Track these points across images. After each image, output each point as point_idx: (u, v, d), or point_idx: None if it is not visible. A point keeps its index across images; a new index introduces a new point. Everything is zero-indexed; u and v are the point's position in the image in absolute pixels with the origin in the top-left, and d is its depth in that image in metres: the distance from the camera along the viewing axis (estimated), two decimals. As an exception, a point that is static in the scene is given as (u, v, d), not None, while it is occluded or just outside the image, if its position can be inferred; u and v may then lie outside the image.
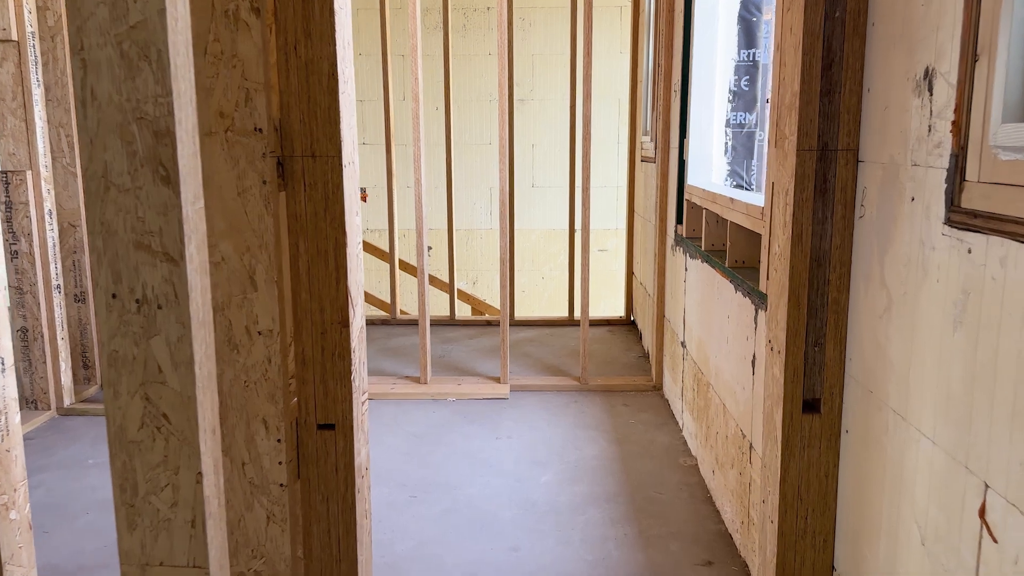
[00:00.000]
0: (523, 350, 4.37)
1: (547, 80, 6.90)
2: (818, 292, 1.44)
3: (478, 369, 3.99)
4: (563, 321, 4.98)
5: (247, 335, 1.42)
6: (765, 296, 1.96)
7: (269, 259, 1.39)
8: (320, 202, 1.44)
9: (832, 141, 1.40)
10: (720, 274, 2.45)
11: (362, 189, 7.12)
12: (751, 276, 2.19)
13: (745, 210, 2.17)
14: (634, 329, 4.83)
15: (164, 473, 1.12)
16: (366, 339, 4.19)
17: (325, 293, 1.46)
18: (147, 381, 1.09)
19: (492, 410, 3.42)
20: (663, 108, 3.47)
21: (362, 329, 1.56)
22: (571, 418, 3.31)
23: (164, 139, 1.02)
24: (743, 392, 2.17)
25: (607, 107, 6.92)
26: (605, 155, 6.96)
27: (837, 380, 1.46)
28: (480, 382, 3.71)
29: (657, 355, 3.64)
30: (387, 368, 4.01)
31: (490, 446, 3.03)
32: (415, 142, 3.54)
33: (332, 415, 1.50)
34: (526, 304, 7.19)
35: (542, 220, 7.09)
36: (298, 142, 1.42)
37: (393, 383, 3.69)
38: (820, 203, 1.42)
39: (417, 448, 3.02)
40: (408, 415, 3.36)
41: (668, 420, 3.28)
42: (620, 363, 4.11)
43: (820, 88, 1.39)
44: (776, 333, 1.51)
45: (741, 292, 2.19)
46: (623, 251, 7.12)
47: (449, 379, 3.76)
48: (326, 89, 1.41)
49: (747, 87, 3.05)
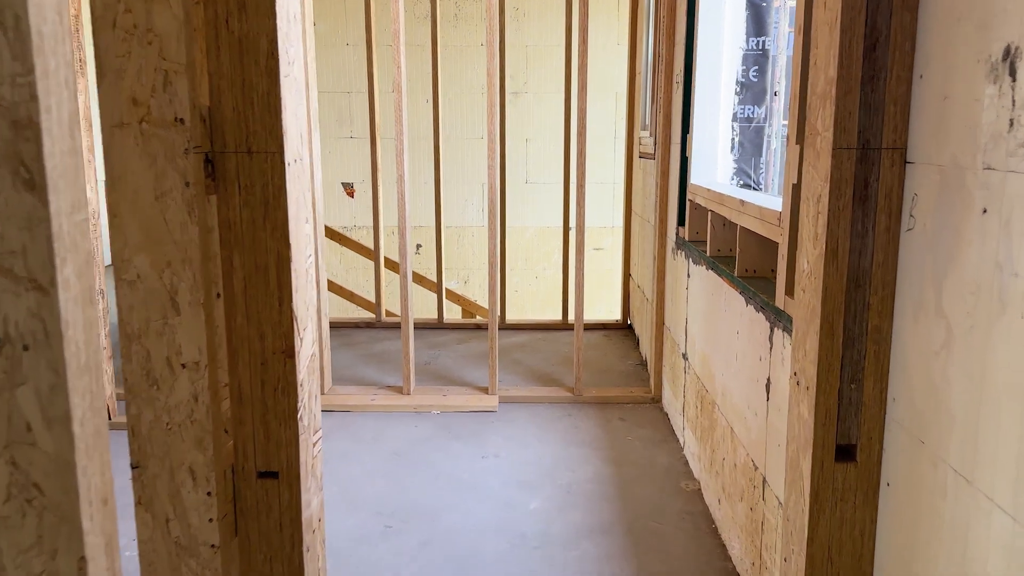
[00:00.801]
0: (513, 356, 4.13)
1: (542, 73, 6.65)
2: (856, 318, 1.20)
3: (466, 378, 3.75)
4: (557, 325, 4.74)
5: (168, 368, 1.18)
6: (781, 312, 1.73)
7: (195, 277, 1.15)
8: (258, 207, 1.19)
9: (875, 138, 1.16)
10: (728, 284, 2.22)
11: (350, 184, 6.87)
12: (765, 288, 1.95)
13: (758, 214, 1.94)
14: (631, 334, 4.60)
15: (38, 558, 0.88)
16: (349, 343, 3.93)
17: (265, 316, 1.22)
18: (13, 442, 0.85)
19: (479, 424, 3.18)
20: (663, 101, 3.23)
21: (313, 357, 1.32)
22: (563, 434, 3.08)
23: (25, 132, 0.77)
24: (755, 418, 1.94)
25: (604, 101, 6.68)
26: (601, 151, 6.71)
27: (877, 423, 1.23)
28: (467, 393, 3.47)
29: (656, 365, 3.40)
30: (369, 376, 3.77)
31: (476, 466, 2.80)
32: (398, 135, 3.29)
33: (275, 461, 1.26)
34: (519, 304, 6.95)
35: (536, 217, 6.85)
36: (231, 135, 1.18)
37: (374, 394, 3.45)
38: (860, 212, 1.18)
39: (396, 469, 2.78)
40: (389, 430, 3.12)
41: (668, 437, 3.04)
42: (616, 372, 3.88)
43: (862, 74, 1.15)
44: (804, 365, 1.27)
45: (753, 306, 1.96)
46: (619, 250, 6.88)
47: (434, 389, 3.53)
48: (264, 71, 1.17)
49: (756, 78, 2.81)
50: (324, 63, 6.66)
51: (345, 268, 6.96)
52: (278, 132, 1.18)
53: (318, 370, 1.35)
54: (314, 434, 1.33)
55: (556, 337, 4.54)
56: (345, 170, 6.82)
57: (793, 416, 1.32)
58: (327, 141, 6.77)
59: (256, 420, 1.25)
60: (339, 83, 6.68)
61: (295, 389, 1.24)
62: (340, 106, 6.72)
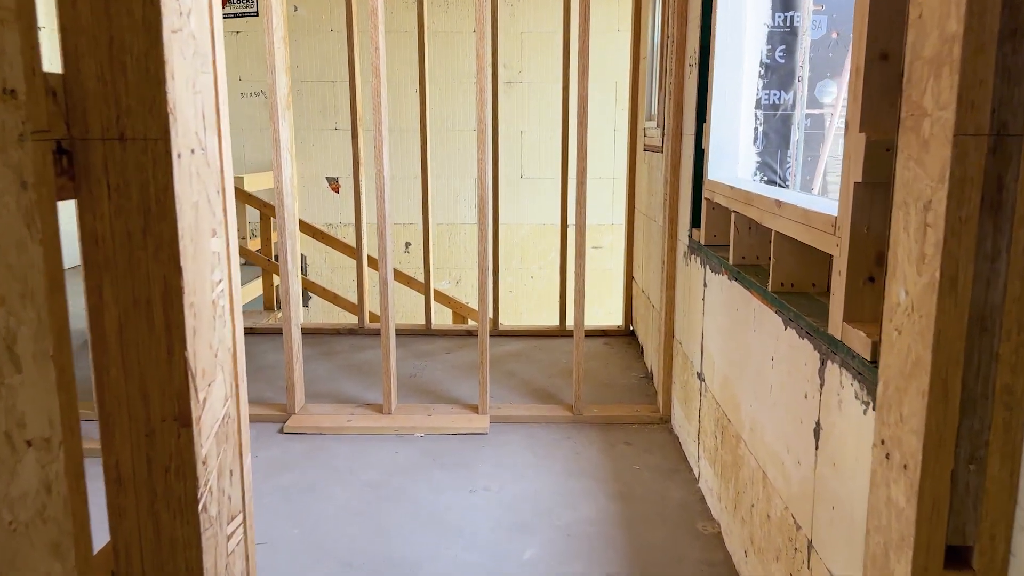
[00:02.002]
0: (507, 367, 3.78)
1: (537, 61, 6.29)
2: (978, 374, 0.86)
3: (454, 392, 3.41)
4: (554, 331, 4.40)
5: (8, 447, 0.83)
6: (837, 343, 1.39)
7: (40, 317, 0.80)
8: (136, 217, 0.84)
9: (1015, 119, 0.81)
10: (759, 299, 1.87)
11: (335, 180, 6.51)
12: (810, 308, 1.61)
13: (802, 218, 1.59)
14: (634, 342, 4.25)
15: None
16: (328, 352, 3.58)
17: (150, 370, 0.87)
18: None
19: (468, 449, 2.84)
20: (674, 86, 2.88)
21: (227, 421, 0.97)
22: (562, 461, 2.73)
23: None
24: (797, 468, 1.59)
25: (602, 91, 6.32)
26: (600, 144, 6.36)
27: (1003, 519, 0.88)
28: (455, 412, 3.13)
29: (664, 381, 3.06)
30: (348, 391, 3.42)
31: (463, 502, 2.45)
32: (376, 125, 2.94)
33: (170, 567, 0.92)
34: (513, 306, 6.60)
35: (531, 214, 6.49)
36: (96, 115, 0.83)
37: (351, 413, 3.10)
38: (989, 225, 0.83)
39: (372, 506, 2.44)
40: (366, 456, 2.78)
41: (680, 465, 2.70)
42: (620, 386, 3.53)
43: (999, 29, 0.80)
44: (900, 434, 0.92)
45: (795, 330, 1.61)
46: (619, 248, 6.53)
47: (419, 408, 3.18)
48: (140, 24, 0.82)
49: (783, 59, 2.46)
50: (307, 50, 6.29)
51: (331, 268, 6.60)
52: (162, 111, 0.83)
53: (235, 435, 1.00)
54: (230, 522, 0.99)
55: (553, 345, 4.20)
56: (330, 164, 6.46)
57: (879, 499, 0.98)
58: (311, 133, 6.40)
59: (142, 512, 0.90)
60: (323, 71, 6.31)
61: (193, 469, 0.89)
62: (324, 96, 6.35)
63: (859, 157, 1.30)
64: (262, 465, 2.70)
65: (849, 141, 1.34)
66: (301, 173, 6.46)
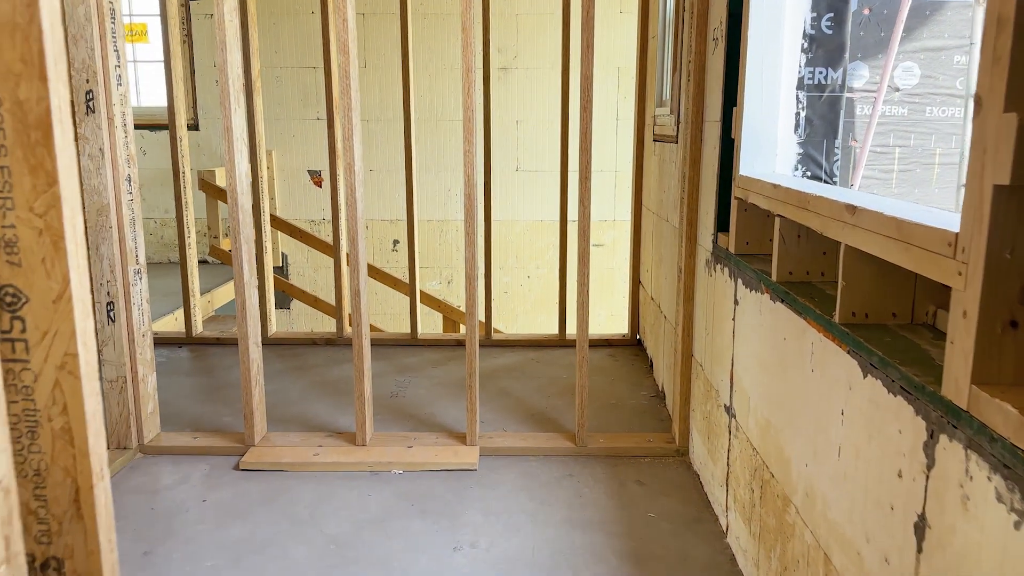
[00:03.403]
0: (501, 384, 3.37)
1: (534, 46, 5.85)
2: None
3: (440, 417, 2.99)
4: (553, 341, 3.98)
5: None
6: (956, 410, 0.98)
7: None
8: None
9: None
10: (818, 330, 1.46)
11: (317, 173, 6.07)
12: (904, 352, 1.19)
13: (895, 232, 1.17)
14: (642, 353, 3.84)
15: None
16: (301, 367, 3.16)
17: None
18: None
19: (453, 492, 2.43)
20: (694, 66, 2.46)
21: None
22: (564, 507, 2.32)
23: None
24: (884, 567, 1.18)
25: (604, 78, 5.89)
26: (602, 134, 5.93)
27: None
28: (440, 442, 2.71)
29: (681, 408, 2.65)
30: (319, 415, 3.01)
31: (444, 563, 2.04)
32: (346, 112, 2.51)
33: None
34: (509, 308, 6.18)
35: (528, 210, 6.07)
36: None
37: (319, 445, 2.68)
38: None
39: (334, 569, 2.02)
40: (332, 501, 2.36)
41: (703, 513, 2.30)
42: (628, 407, 3.12)
43: None
44: None
45: (882, 382, 1.20)
46: (622, 246, 6.12)
47: (398, 437, 2.76)
48: None
49: (830, 29, 2.04)
50: (287, 34, 5.84)
51: (313, 268, 6.18)
52: None
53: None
54: None
55: (552, 357, 3.79)
56: (312, 156, 6.02)
57: None
58: (291, 123, 5.96)
59: None
60: (304, 56, 5.87)
61: None
62: (305, 83, 5.91)
63: (1006, 148, 0.88)
64: (210, 513, 2.29)
65: (985, 126, 0.92)
66: (281, 166, 6.03)
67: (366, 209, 5.98)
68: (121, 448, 2.67)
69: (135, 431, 2.68)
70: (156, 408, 2.78)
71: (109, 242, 2.54)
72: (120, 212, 2.56)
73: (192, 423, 2.94)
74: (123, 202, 2.57)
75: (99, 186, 2.50)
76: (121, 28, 2.52)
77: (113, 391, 2.64)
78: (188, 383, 3.40)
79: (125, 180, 2.58)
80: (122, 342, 2.61)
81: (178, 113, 3.77)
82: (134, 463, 2.63)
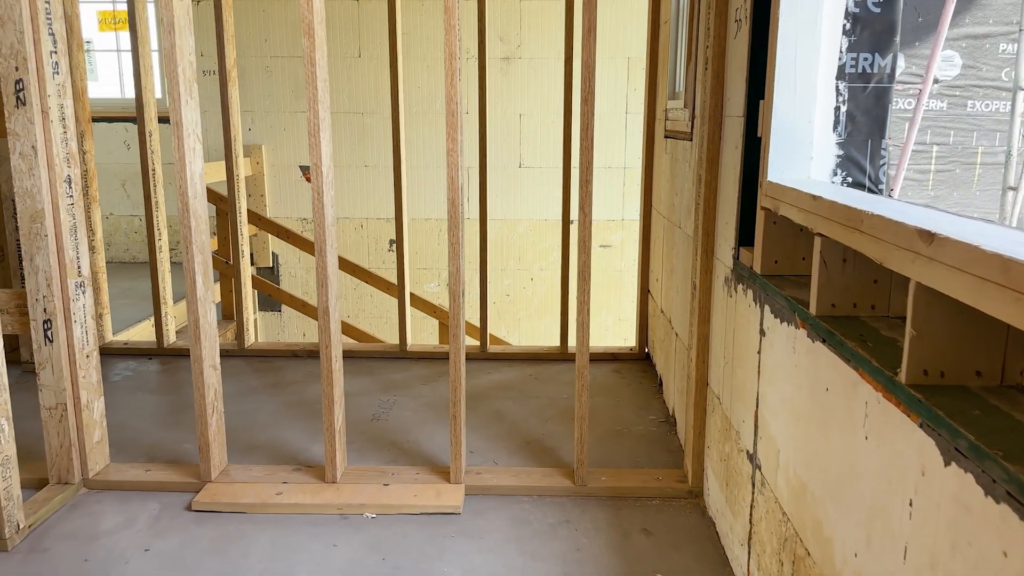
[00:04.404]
0: (494, 406, 3.06)
1: (539, 34, 5.52)
2: None
3: (425, 445, 2.69)
4: (553, 354, 3.67)
5: None
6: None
7: None
8: None
9: None
10: (876, 388, 1.13)
11: (307, 168, 5.76)
12: (1013, 440, 0.87)
13: (996, 274, 0.84)
14: (650, 369, 3.52)
15: None
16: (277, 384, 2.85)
17: None
18: None
19: (432, 542, 2.11)
20: (713, 51, 2.13)
21: None
22: (559, 564, 2.01)
23: None
24: None
25: (613, 69, 5.55)
26: (610, 128, 5.60)
27: None
28: (420, 479, 2.40)
29: (695, 442, 2.33)
30: (288, 443, 2.70)
31: (415, 638, 1.73)
32: (310, 102, 2.19)
33: None
34: (511, 312, 5.87)
35: (532, 209, 5.74)
36: None
37: (283, 481, 2.37)
38: None
39: (285, 644, 1.72)
40: (291, 553, 2.06)
41: (720, 572, 1.97)
42: (634, 435, 2.80)
43: None
44: None
45: (977, 478, 0.87)
46: (630, 247, 5.78)
47: (373, 472, 2.45)
48: None
49: (878, 7, 1.70)
50: (278, 22, 5.53)
51: (305, 269, 5.87)
52: None
53: None
54: None
55: (552, 373, 3.47)
56: (305, 151, 5.71)
57: None
58: (281, 116, 5.65)
59: None
60: (296, 46, 5.55)
61: None
62: (297, 74, 5.60)
63: None
64: (151, 566, 1.98)
65: None
66: (272, 161, 5.72)
67: (360, 207, 5.68)
68: (62, 483, 2.37)
69: (78, 464, 2.38)
70: (104, 437, 2.48)
71: (45, 252, 2.24)
72: (58, 218, 2.25)
73: (148, 451, 2.64)
74: (61, 207, 2.26)
75: (32, 189, 2.20)
76: (59, 8, 2.21)
77: (52, 419, 2.33)
78: (151, 402, 3.10)
79: (64, 182, 2.27)
80: (62, 364, 2.31)
81: (147, 105, 3.46)
82: (76, 500, 2.33)
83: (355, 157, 5.63)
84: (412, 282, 5.77)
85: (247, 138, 5.66)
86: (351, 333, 4.85)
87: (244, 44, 5.53)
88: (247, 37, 5.53)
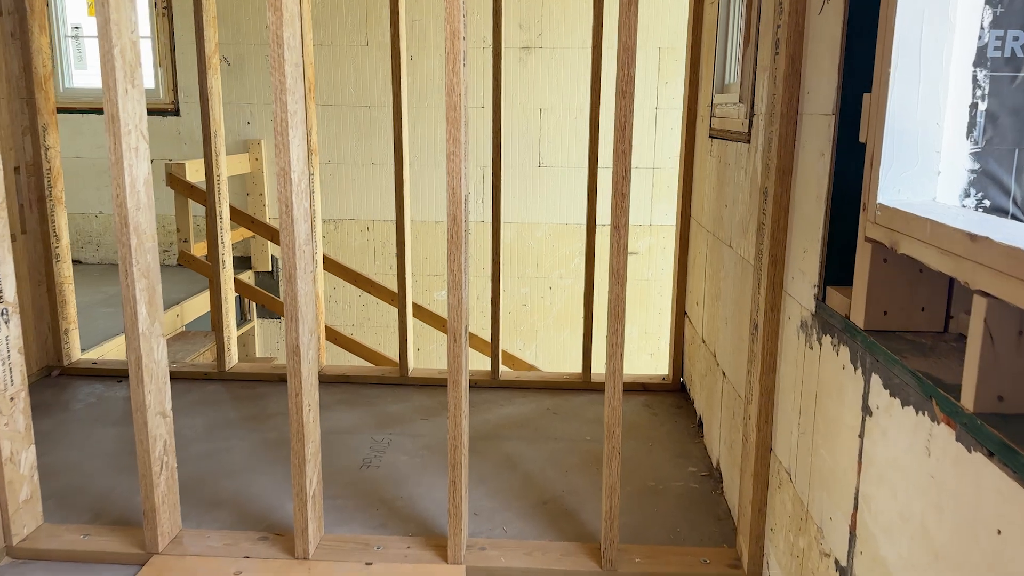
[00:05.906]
0: (505, 450, 2.62)
1: (562, 22, 5.05)
2: None
3: (421, 504, 2.25)
4: (575, 383, 3.22)
5: None
6: None
7: None
8: None
9: None
10: None
11: (310, 165, 5.34)
12: None
13: None
14: (685, 403, 3.06)
15: None
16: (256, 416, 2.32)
17: None
18: None
19: (421, 645, 1.67)
20: (787, 31, 1.66)
21: None
22: None
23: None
24: None
25: (643, 60, 5.08)
26: (639, 125, 5.13)
27: None
28: (411, 554, 1.96)
29: (753, 522, 1.87)
30: (260, 496, 2.27)
31: None
32: (277, 92, 1.76)
33: None
34: (528, 322, 5.42)
35: (551, 212, 5.28)
36: None
37: (244, 556, 1.94)
38: None
39: None
40: (246, 660, 1.63)
41: None
42: (672, 493, 2.35)
43: None
44: None
45: None
46: (659, 255, 5.31)
47: (354, 544, 2.02)
48: None
49: (1037, -34, 1.23)
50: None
51: (306, 272, 5.45)
52: None
53: None
54: None
55: (573, 407, 3.02)
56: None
57: None
58: (283, 109, 5.22)
59: None
60: (298, 33, 5.12)
61: None
62: (299, 63, 5.16)
63: None
64: None
65: None
66: (272, 158, 5.30)
67: (366, 208, 5.26)
68: (-21, 552, 1.96)
69: (0, 528, 1.97)
70: (35, 493, 2.06)
71: (-46, 274, 1.83)
72: (-29, 232, 1.84)
73: (96, 503, 2.23)
74: (-24, 218, 1.85)
75: (-63, 196, 1.78)
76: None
77: (-33, 475, 1.92)
78: (112, 437, 2.69)
79: (-20, 187, 1.85)
80: (-22, 410, 1.89)
81: (116, 95, 3.04)
82: (-5, 574, 1.92)
83: (361, 154, 5.20)
84: (420, 290, 5.34)
85: (246, 132, 5.25)
86: (353, 348, 4.42)
87: (243, 30, 5.12)
88: (246, 23, 5.12)
